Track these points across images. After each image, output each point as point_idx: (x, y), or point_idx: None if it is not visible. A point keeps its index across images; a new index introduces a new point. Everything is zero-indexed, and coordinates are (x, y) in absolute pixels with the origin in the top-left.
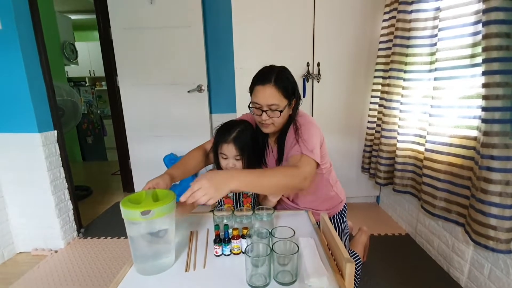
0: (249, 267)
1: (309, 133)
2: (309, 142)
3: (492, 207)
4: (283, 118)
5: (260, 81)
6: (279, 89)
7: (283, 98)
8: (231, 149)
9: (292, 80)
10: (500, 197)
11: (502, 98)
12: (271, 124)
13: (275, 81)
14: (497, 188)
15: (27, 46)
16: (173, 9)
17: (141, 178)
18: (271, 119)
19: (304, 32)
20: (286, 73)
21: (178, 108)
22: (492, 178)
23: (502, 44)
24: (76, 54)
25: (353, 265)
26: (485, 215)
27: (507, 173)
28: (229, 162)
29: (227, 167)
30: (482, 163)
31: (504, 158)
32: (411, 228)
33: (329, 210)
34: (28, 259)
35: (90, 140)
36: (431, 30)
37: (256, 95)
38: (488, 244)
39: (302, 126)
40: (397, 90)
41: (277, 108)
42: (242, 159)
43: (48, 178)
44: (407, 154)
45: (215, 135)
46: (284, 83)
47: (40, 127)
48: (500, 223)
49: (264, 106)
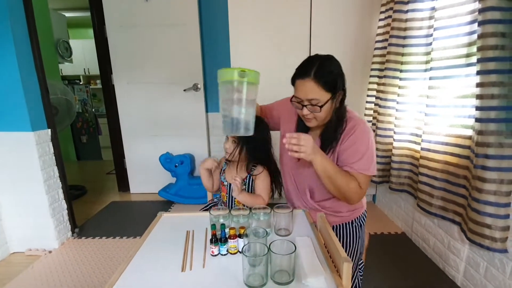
0: (246, 267)
1: (368, 144)
2: (370, 157)
3: (487, 205)
4: (325, 113)
5: (300, 75)
6: (319, 83)
7: (325, 92)
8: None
9: (336, 71)
10: (495, 195)
11: (497, 97)
12: (313, 119)
13: (315, 74)
14: (492, 187)
15: (21, 43)
16: (169, 6)
17: (137, 178)
18: (312, 113)
19: (301, 31)
20: (330, 63)
21: (174, 106)
22: (487, 177)
23: (498, 43)
24: (71, 52)
25: (350, 265)
26: (480, 214)
27: (502, 172)
28: (229, 142)
29: (225, 147)
30: (477, 162)
31: (498, 157)
32: (407, 226)
33: (350, 211)
34: (22, 260)
35: (85, 139)
36: (427, 29)
37: (296, 89)
38: (483, 243)
39: (360, 134)
40: (393, 89)
41: (317, 103)
42: (238, 142)
43: (42, 177)
44: (404, 153)
45: None
46: (325, 77)
47: (34, 125)
48: (495, 221)
49: (304, 101)
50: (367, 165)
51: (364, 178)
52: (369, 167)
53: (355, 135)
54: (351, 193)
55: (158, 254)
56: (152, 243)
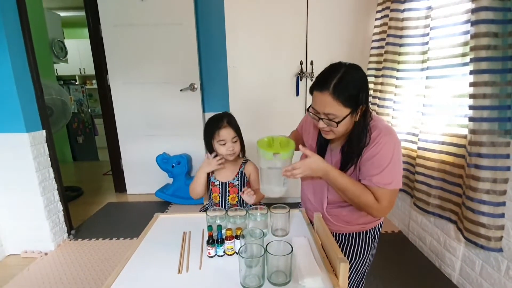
0: (243, 268)
1: (391, 157)
2: (393, 170)
3: (482, 204)
4: (343, 127)
5: (318, 86)
6: (338, 98)
7: (343, 108)
8: (230, 132)
9: (359, 84)
10: (488, 194)
11: (489, 96)
12: (330, 132)
13: (334, 88)
14: (485, 185)
15: (14, 43)
16: (164, 6)
17: (133, 178)
18: (329, 127)
19: (297, 30)
20: (352, 76)
21: (170, 107)
22: (481, 176)
23: (490, 43)
24: (66, 52)
25: (346, 265)
26: (475, 213)
27: (495, 171)
28: (229, 146)
29: (228, 152)
30: (471, 161)
31: (491, 156)
32: (404, 225)
33: (364, 225)
34: (18, 262)
35: (81, 139)
36: (423, 29)
37: (313, 100)
38: (478, 242)
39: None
40: (390, 88)
41: (334, 118)
42: (239, 140)
43: (37, 179)
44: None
45: (206, 129)
46: (345, 92)
47: (28, 126)
48: (490, 221)
49: (321, 113)
50: (389, 179)
51: (385, 192)
52: (392, 181)
53: (377, 147)
54: (367, 207)
55: (155, 255)
56: (148, 245)
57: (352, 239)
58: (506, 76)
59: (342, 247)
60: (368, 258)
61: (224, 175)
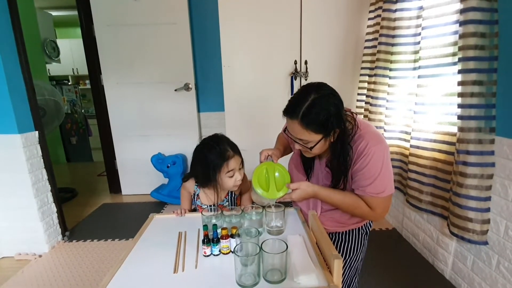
0: (238, 266)
1: (381, 166)
2: (384, 179)
3: (468, 200)
4: (319, 150)
5: (288, 113)
6: (307, 127)
7: (314, 134)
8: (237, 159)
9: (330, 110)
10: (475, 190)
11: (476, 95)
12: (307, 152)
13: (303, 117)
14: (473, 181)
15: (5, 43)
16: (158, 5)
17: (128, 179)
18: (305, 149)
19: (291, 30)
20: (320, 104)
21: (165, 107)
22: (468, 172)
23: (478, 43)
24: (58, 52)
25: (340, 261)
26: (462, 208)
27: (482, 167)
28: (237, 176)
29: (236, 184)
30: (459, 158)
31: (478, 153)
32: (397, 222)
33: (357, 223)
34: (11, 264)
35: (75, 140)
36: (415, 28)
37: (287, 124)
38: (465, 236)
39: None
40: (382, 87)
41: (307, 144)
42: (242, 164)
43: (30, 180)
44: (394, 151)
45: (209, 162)
46: (314, 120)
47: (20, 127)
48: (477, 215)
49: (295, 138)
50: (382, 188)
51: (379, 201)
52: (385, 189)
53: (366, 158)
54: (363, 216)
55: (150, 255)
56: (144, 245)
57: (346, 236)
58: (492, 76)
59: (336, 244)
60: (361, 253)
61: (211, 197)
